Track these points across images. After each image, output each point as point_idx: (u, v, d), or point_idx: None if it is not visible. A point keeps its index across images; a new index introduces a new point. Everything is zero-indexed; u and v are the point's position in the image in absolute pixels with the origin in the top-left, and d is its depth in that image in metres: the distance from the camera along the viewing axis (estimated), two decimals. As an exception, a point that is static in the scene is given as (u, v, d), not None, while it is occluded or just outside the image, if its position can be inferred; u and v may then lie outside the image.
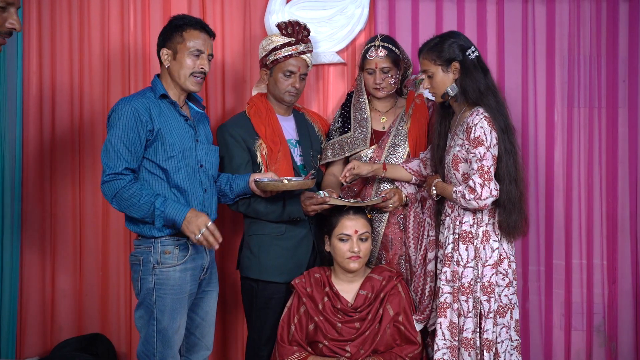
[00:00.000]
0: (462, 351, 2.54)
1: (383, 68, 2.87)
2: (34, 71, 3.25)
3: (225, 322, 3.31)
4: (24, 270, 3.25)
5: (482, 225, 2.56)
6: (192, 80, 2.47)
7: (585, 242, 3.26)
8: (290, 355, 2.65)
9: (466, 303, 2.54)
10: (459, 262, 2.56)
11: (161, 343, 2.41)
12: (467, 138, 2.50)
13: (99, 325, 3.29)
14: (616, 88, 3.25)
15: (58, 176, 3.27)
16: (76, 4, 3.26)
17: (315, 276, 2.74)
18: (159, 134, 2.41)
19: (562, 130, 3.27)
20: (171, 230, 2.41)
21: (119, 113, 2.37)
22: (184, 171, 2.45)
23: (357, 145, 2.93)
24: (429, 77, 2.61)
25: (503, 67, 3.24)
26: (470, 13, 3.25)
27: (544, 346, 3.26)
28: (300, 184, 2.61)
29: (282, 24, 2.89)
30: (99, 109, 3.26)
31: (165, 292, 2.40)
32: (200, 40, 2.46)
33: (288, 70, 2.83)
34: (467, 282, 2.54)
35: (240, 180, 2.68)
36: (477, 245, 2.55)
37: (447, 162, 2.61)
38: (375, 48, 2.87)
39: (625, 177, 3.26)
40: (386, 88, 2.90)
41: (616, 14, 3.23)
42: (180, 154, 2.44)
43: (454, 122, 2.66)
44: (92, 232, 3.28)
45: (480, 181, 2.45)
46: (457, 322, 2.56)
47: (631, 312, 3.26)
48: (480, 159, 2.46)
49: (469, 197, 2.47)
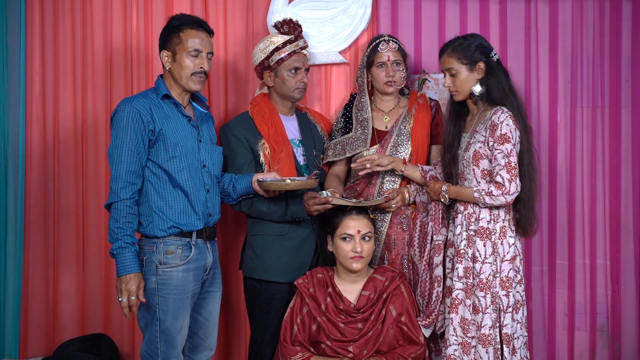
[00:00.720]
0: (480, 348, 2.56)
1: (395, 61, 2.89)
2: (37, 71, 3.25)
3: (228, 322, 3.31)
4: (27, 271, 3.26)
5: (499, 221, 2.60)
6: (193, 79, 2.47)
7: (589, 242, 3.26)
8: (293, 356, 2.64)
9: (484, 299, 2.56)
10: (476, 258, 2.59)
11: (164, 343, 2.41)
12: (492, 135, 2.55)
13: (102, 325, 3.30)
14: (619, 88, 3.24)
15: (61, 176, 3.27)
16: (79, 4, 3.26)
17: (317, 276, 2.74)
18: (161, 134, 2.41)
19: (565, 130, 3.27)
20: (174, 230, 2.42)
21: (120, 115, 2.38)
22: (187, 172, 2.45)
23: (357, 145, 2.93)
24: (452, 76, 2.64)
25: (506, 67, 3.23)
26: (473, 13, 3.25)
27: (547, 346, 3.26)
28: (303, 184, 2.61)
29: (278, 23, 2.92)
30: (101, 108, 3.26)
31: (168, 292, 2.40)
32: (198, 40, 2.46)
33: (294, 67, 2.84)
34: (485, 277, 2.57)
35: (243, 180, 2.67)
36: (495, 240, 2.59)
37: (466, 159, 2.64)
38: (386, 42, 2.90)
39: (629, 177, 3.26)
40: (397, 82, 2.91)
41: (619, 14, 3.23)
42: (182, 155, 2.44)
43: (470, 121, 2.70)
44: (95, 232, 3.28)
45: (508, 176, 2.51)
46: (470, 318, 2.58)
47: (635, 312, 3.26)
48: (508, 155, 2.52)
49: (497, 192, 2.51)
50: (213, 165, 2.58)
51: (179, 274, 2.41)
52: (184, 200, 2.44)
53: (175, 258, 2.41)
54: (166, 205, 2.42)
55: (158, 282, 2.40)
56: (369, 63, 2.94)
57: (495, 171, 2.54)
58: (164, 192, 2.42)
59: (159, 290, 2.39)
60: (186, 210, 2.45)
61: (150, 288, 2.40)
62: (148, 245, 2.42)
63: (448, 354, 2.60)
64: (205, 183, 2.52)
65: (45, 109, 3.27)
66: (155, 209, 2.41)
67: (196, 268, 2.47)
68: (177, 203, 2.44)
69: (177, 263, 2.41)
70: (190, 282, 2.45)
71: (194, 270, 2.46)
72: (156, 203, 2.42)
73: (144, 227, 2.42)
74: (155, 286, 2.40)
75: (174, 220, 2.43)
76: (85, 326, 3.29)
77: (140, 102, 2.41)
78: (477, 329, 2.57)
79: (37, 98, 3.26)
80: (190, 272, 2.44)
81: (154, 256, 2.40)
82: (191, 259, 2.44)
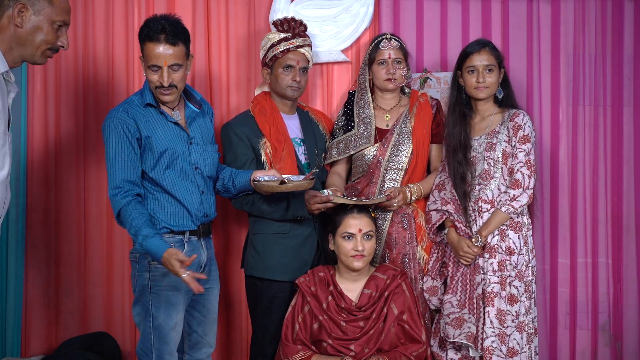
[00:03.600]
0: (516, 334, 2.71)
1: (396, 58, 2.89)
2: (38, 69, 3.25)
3: (229, 320, 3.31)
4: (28, 269, 3.26)
5: (526, 214, 2.79)
6: (159, 92, 2.42)
7: (591, 240, 3.25)
8: (294, 354, 2.64)
9: (521, 288, 2.72)
10: (512, 250, 2.73)
11: (158, 339, 2.41)
12: (515, 135, 2.74)
13: (104, 323, 3.30)
14: (621, 86, 3.23)
15: (63, 175, 3.27)
16: (81, 3, 3.26)
17: (319, 275, 2.74)
18: (147, 142, 2.41)
19: (567, 128, 3.26)
20: (166, 229, 2.42)
21: (108, 127, 2.39)
22: (177, 177, 2.44)
23: (361, 142, 2.93)
24: (490, 72, 2.77)
25: (508, 66, 3.23)
26: (475, 11, 3.24)
27: (549, 345, 3.25)
28: (295, 186, 2.57)
29: (277, 21, 2.91)
30: (103, 107, 3.25)
31: (161, 288, 2.40)
32: (155, 54, 2.34)
33: (287, 64, 2.83)
34: (521, 268, 2.73)
35: (242, 176, 2.66)
36: (525, 232, 2.77)
37: (494, 158, 2.76)
38: (387, 40, 2.91)
39: (631, 176, 3.25)
40: (398, 80, 2.91)
41: (621, 13, 3.22)
42: (171, 160, 2.43)
43: (479, 122, 2.83)
44: (96, 231, 3.28)
45: (528, 172, 2.71)
46: (506, 309, 2.70)
47: (636, 311, 3.25)
48: (528, 153, 2.73)
49: (517, 192, 2.70)
50: (206, 167, 2.56)
51: None
52: (177, 204, 2.44)
53: None
54: (160, 207, 2.43)
55: (150, 278, 2.40)
56: (370, 60, 2.95)
57: (516, 168, 2.72)
58: (158, 195, 2.43)
59: (151, 287, 2.39)
60: (179, 212, 2.45)
61: (143, 285, 2.41)
62: None
63: (486, 346, 2.68)
64: (199, 185, 2.51)
65: (47, 107, 3.27)
66: (149, 210, 2.41)
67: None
68: (171, 205, 2.44)
69: None
70: None
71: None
72: (150, 205, 2.43)
73: None
74: (148, 282, 2.40)
75: (166, 222, 2.43)
76: (87, 324, 3.29)
77: (125, 112, 2.40)
78: (515, 318, 2.70)
79: (38, 97, 3.26)
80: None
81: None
82: None
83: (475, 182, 2.78)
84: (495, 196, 2.75)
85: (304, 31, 2.90)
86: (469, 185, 2.78)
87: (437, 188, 2.86)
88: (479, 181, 2.78)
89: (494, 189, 2.76)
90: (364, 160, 2.94)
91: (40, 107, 3.26)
